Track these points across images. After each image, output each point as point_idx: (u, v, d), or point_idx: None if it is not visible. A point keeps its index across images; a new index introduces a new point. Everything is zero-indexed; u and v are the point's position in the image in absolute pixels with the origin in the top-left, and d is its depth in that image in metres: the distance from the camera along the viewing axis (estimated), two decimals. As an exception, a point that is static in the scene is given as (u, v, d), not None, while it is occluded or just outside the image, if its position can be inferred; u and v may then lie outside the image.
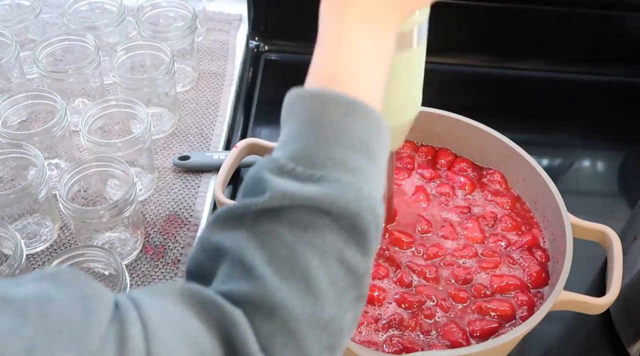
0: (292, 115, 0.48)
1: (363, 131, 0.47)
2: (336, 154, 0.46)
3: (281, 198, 0.44)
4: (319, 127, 0.46)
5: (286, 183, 0.45)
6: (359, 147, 0.47)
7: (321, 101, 0.47)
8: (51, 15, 1.09)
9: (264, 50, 1.14)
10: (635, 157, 1.04)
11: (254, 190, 0.46)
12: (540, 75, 1.12)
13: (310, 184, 0.45)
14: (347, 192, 0.45)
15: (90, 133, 0.84)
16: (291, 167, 0.45)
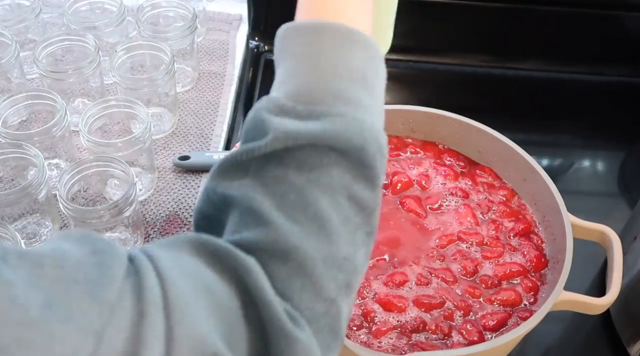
0: (286, 51, 0.47)
1: (359, 61, 0.46)
2: (334, 87, 0.45)
3: (284, 139, 0.43)
4: (315, 61, 0.45)
5: (287, 123, 0.44)
6: (356, 78, 0.46)
7: (315, 33, 0.46)
8: (51, 15, 1.09)
9: (264, 50, 1.14)
10: (635, 157, 1.04)
11: (254, 133, 0.45)
12: (541, 75, 1.12)
13: (312, 121, 0.44)
14: (350, 126, 0.44)
15: (90, 133, 0.84)
16: (291, 105, 0.45)
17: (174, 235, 0.72)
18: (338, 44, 0.46)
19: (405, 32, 1.21)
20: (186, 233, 0.46)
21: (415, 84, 1.12)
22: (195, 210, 0.47)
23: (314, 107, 0.44)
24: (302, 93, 0.45)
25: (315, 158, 0.44)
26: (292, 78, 0.46)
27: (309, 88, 0.45)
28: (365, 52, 0.47)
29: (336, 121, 0.44)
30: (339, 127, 0.44)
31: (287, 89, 0.46)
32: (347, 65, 0.45)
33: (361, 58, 0.46)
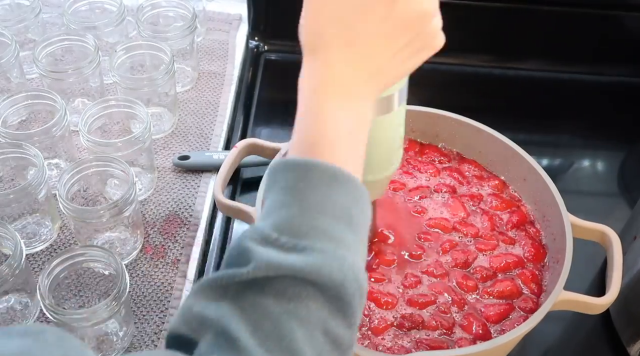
0: (276, 184, 0.49)
1: (345, 200, 0.48)
2: (319, 223, 0.46)
3: (266, 268, 0.44)
4: (302, 196, 0.47)
5: (270, 253, 0.45)
6: (341, 216, 0.47)
7: (304, 170, 0.48)
8: (51, 15, 1.09)
9: (264, 50, 1.14)
10: (635, 157, 1.04)
11: (238, 260, 0.46)
12: (541, 75, 1.12)
13: (295, 254, 0.45)
14: (332, 262, 0.45)
15: (90, 133, 0.84)
16: (275, 236, 0.45)
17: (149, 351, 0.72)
18: (326, 182, 0.47)
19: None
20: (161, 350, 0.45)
21: (415, 84, 1.11)
22: (169, 327, 0.47)
23: (298, 241, 0.45)
24: (287, 226, 0.46)
25: (294, 290, 0.44)
26: (280, 209, 0.47)
27: (294, 221, 0.46)
28: (352, 193, 0.48)
29: (318, 256, 0.45)
30: (320, 262, 0.44)
31: (273, 220, 0.47)
32: (333, 204, 0.47)
33: (347, 198, 0.48)
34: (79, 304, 0.77)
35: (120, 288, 0.68)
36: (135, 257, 0.83)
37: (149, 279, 0.81)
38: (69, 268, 0.72)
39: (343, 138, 0.50)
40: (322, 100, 0.50)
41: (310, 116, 0.50)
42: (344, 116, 0.50)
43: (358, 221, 0.49)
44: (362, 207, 0.49)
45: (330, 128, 0.50)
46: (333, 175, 0.47)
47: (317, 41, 0.51)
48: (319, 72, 0.51)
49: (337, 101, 0.50)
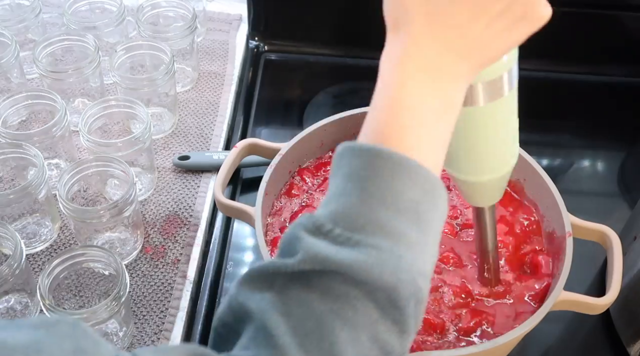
0: (339, 170, 0.45)
1: (413, 193, 0.43)
2: (379, 216, 0.42)
3: (312, 261, 0.41)
4: (363, 185, 0.43)
5: (320, 245, 0.42)
6: (406, 210, 0.43)
7: (369, 157, 0.44)
8: (51, 15, 1.09)
9: (264, 50, 1.14)
10: (635, 157, 1.04)
11: (288, 249, 0.43)
12: (540, 75, 1.12)
13: (346, 248, 0.41)
14: (385, 261, 0.41)
15: (90, 133, 0.84)
16: (329, 227, 0.42)
17: (173, 345, 0.69)
18: (389, 172, 0.43)
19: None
20: (184, 344, 0.44)
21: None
22: (216, 315, 0.45)
23: (352, 234, 0.42)
24: (343, 217, 0.43)
25: (341, 288, 0.41)
26: (338, 198, 0.44)
27: (351, 212, 0.43)
28: (422, 185, 0.44)
29: (371, 253, 0.41)
30: (373, 261, 0.41)
31: (331, 208, 0.44)
32: (398, 196, 0.43)
33: (415, 191, 0.43)
34: (79, 304, 0.77)
35: (120, 288, 0.68)
36: (135, 257, 0.83)
37: (149, 279, 0.81)
38: (69, 268, 0.72)
39: (420, 123, 0.45)
40: (402, 77, 0.45)
41: (385, 94, 0.45)
42: (425, 96, 0.45)
43: (427, 217, 0.44)
44: (434, 202, 0.44)
45: (405, 110, 0.45)
46: (399, 164, 0.43)
47: (399, 15, 0.46)
48: (401, 48, 0.45)
49: (419, 79, 0.45)
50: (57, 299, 0.74)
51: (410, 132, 0.45)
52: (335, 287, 0.41)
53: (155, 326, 0.77)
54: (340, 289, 0.41)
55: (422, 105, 0.45)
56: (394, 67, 0.46)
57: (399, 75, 0.45)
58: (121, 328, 0.74)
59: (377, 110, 0.46)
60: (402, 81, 0.45)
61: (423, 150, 0.45)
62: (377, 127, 0.45)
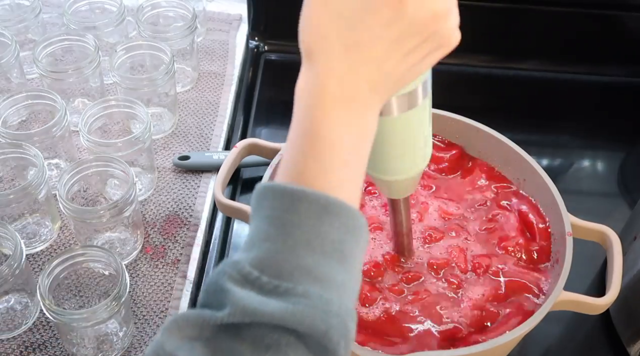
0: (260, 211, 0.44)
1: (337, 233, 0.43)
2: (305, 262, 0.42)
3: (242, 314, 0.40)
4: (288, 230, 0.42)
5: (248, 297, 0.41)
6: (331, 252, 0.43)
7: (292, 200, 0.43)
8: (51, 15, 1.09)
9: (264, 50, 1.14)
10: (635, 157, 1.04)
11: (213, 299, 0.42)
12: (540, 75, 1.12)
13: (275, 298, 0.41)
14: (315, 309, 0.41)
15: (90, 133, 0.84)
16: (255, 275, 0.42)
17: None
18: (315, 215, 0.43)
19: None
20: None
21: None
22: None
23: (280, 282, 0.41)
24: (268, 264, 0.42)
25: (272, 337, 0.40)
26: (262, 243, 0.43)
27: (277, 259, 0.42)
28: (345, 225, 0.44)
29: (300, 302, 0.41)
30: (302, 310, 0.40)
31: (255, 254, 0.43)
32: (323, 239, 0.43)
33: (340, 230, 0.43)
34: (79, 304, 0.77)
35: (120, 288, 0.68)
36: (135, 257, 0.83)
37: (149, 279, 0.81)
38: (69, 268, 0.72)
39: (340, 159, 0.45)
40: (320, 114, 0.45)
41: (305, 132, 0.45)
42: (343, 130, 0.45)
43: (351, 254, 0.44)
44: (356, 238, 0.44)
45: (326, 147, 0.44)
46: (325, 206, 0.43)
47: (316, 45, 0.45)
48: (317, 80, 0.45)
49: (336, 113, 0.45)
50: (57, 299, 0.74)
51: (331, 170, 0.44)
52: (265, 337, 0.41)
53: (155, 326, 0.77)
54: (272, 338, 0.41)
55: (341, 139, 0.45)
56: (311, 101, 0.45)
57: (316, 110, 0.45)
58: (121, 328, 0.74)
59: (295, 149, 0.45)
60: (320, 117, 0.45)
61: (345, 187, 0.45)
62: (297, 167, 0.45)
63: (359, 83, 0.45)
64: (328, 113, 0.45)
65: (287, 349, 0.41)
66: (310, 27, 0.46)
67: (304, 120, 0.45)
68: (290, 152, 0.46)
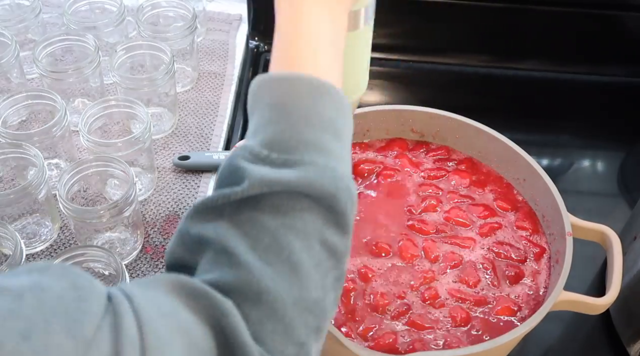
0: (260, 101, 0.49)
1: (330, 111, 0.48)
2: (308, 136, 0.47)
3: (260, 185, 0.45)
4: (288, 111, 0.47)
5: (263, 170, 0.45)
6: (328, 128, 0.48)
7: (288, 84, 0.48)
8: (51, 15, 1.09)
9: (264, 50, 1.14)
10: (635, 157, 1.04)
11: (230, 179, 0.47)
12: (540, 75, 1.12)
13: (287, 169, 0.46)
14: (323, 174, 0.46)
15: (90, 133, 0.84)
16: (265, 153, 0.46)
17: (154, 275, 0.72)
18: (311, 95, 0.48)
19: (405, 32, 1.21)
20: (165, 273, 0.46)
21: (415, 84, 1.11)
22: (167, 252, 0.48)
23: (288, 156, 0.46)
24: (276, 142, 0.47)
25: (289, 204, 0.45)
26: (266, 127, 0.47)
27: (282, 137, 0.47)
28: (336, 104, 0.49)
29: (309, 169, 0.46)
30: (312, 175, 0.45)
31: (261, 137, 0.47)
32: (319, 116, 0.48)
33: (332, 109, 0.48)
34: (79, 304, 0.77)
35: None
36: (135, 257, 0.83)
37: (149, 279, 0.81)
38: (69, 268, 0.72)
39: (325, 49, 0.50)
40: (303, 10, 0.50)
41: (291, 27, 0.50)
42: (324, 25, 0.50)
43: (343, 131, 0.49)
44: (345, 117, 0.50)
45: (312, 39, 0.50)
46: (317, 87, 0.48)
47: None
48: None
49: (316, 9, 0.50)
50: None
51: (317, 58, 0.50)
52: (283, 204, 0.45)
53: (155, 326, 0.77)
54: (288, 204, 0.45)
55: (322, 33, 0.51)
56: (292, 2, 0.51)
57: (300, 8, 0.50)
58: (121, 328, 0.74)
59: (285, 42, 0.51)
60: (304, 14, 0.50)
61: (330, 71, 0.50)
62: (290, 57, 0.50)
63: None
64: (310, 9, 0.50)
65: (302, 212, 0.45)
66: None
67: (288, 17, 0.51)
68: (281, 45, 0.51)
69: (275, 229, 0.45)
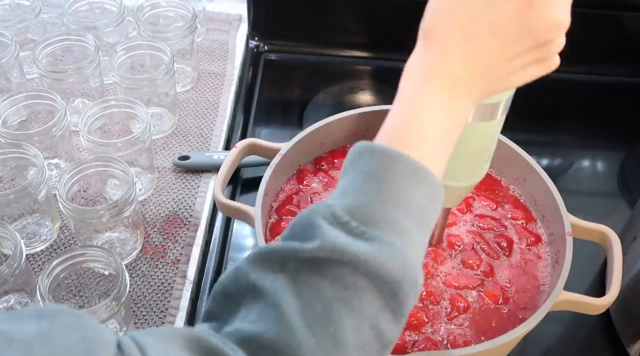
0: (357, 165, 0.48)
1: (422, 198, 0.47)
2: (392, 216, 0.46)
3: (331, 250, 0.44)
4: (380, 186, 0.46)
5: (338, 235, 0.44)
6: (414, 214, 0.47)
7: (389, 160, 0.47)
8: (51, 15, 1.09)
9: (263, 50, 1.14)
10: (635, 157, 1.04)
11: (302, 233, 0.46)
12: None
13: (361, 241, 0.45)
14: (395, 257, 0.45)
15: (90, 133, 0.84)
16: (346, 219, 0.45)
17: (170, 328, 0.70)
18: (407, 177, 0.47)
19: (405, 32, 1.21)
20: (178, 327, 0.45)
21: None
22: (219, 283, 0.48)
23: (367, 228, 0.45)
24: (360, 211, 0.46)
25: (352, 278, 0.44)
26: (356, 192, 0.47)
27: (368, 208, 0.46)
28: (430, 192, 0.48)
29: (384, 248, 0.45)
30: (385, 255, 0.44)
31: (347, 202, 0.46)
32: (409, 200, 0.47)
33: (424, 195, 0.48)
34: (79, 304, 0.77)
35: (120, 288, 0.68)
36: (135, 257, 0.83)
37: (149, 279, 0.81)
38: (69, 268, 0.72)
39: (436, 135, 0.49)
40: (426, 91, 0.49)
41: (409, 104, 0.49)
42: (441, 111, 0.49)
43: (428, 220, 0.48)
44: (434, 207, 0.49)
45: (426, 121, 0.49)
46: (415, 171, 0.47)
47: (437, 28, 0.49)
48: (431, 60, 0.49)
49: (440, 94, 0.49)
50: (57, 299, 0.74)
51: (428, 142, 0.49)
52: (346, 276, 0.44)
53: (155, 326, 0.77)
54: (351, 279, 0.44)
55: (440, 118, 0.49)
56: (421, 78, 0.49)
57: (425, 87, 0.49)
58: (121, 328, 0.74)
59: (398, 117, 0.49)
60: (427, 94, 0.49)
61: (434, 159, 0.49)
62: (397, 133, 0.49)
63: (468, 71, 0.49)
64: (434, 92, 0.49)
65: (362, 292, 0.44)
66: (434, 13, 0.50)
67: (410, 95, 0.49)
68: (393, 118, 0.50)
69: (331, 300, 0.44)
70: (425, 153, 0.48)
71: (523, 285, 0.73)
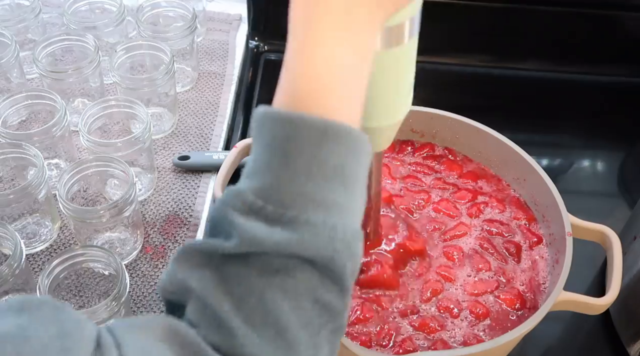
0: (261, 137, 0.44)
1: (337, 157, 0.43)
2: (307, 189, 0.42)
3: (249, 244, 0.42)
4: (288, 159, 0.42)
5: (255, 227, 0.42)
6: (332, 177, 0.43)
7: (292, 127, 0.42)
8: (51, 15, 1.09)
9: (263, 50, 1.14)
10: (635, 157, 1.04)
11: (220, 230, 0.44)
12: (540, 75, 1.12)
13: (280, 227, 0.42)
14: (319, 237, 0.42)
15: (90, 133, 0.84)
16: (260, 205, 0.42)
17: (147, 316, 0.69)
18: (314, 142, 0.42)
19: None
20: (160, 315, 0.44)
21: (415, 83, 1.11)
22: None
23: (284, 211, 0.42)
24: (273, 192, 0.42)
25: (279, 263, 0.42)
26: (264, 172, 0.43)
27: (280, 188, 0.42)
28: (346, 146, 0.43)
29: (305, 230, 0.42)
30: (308, 238, 0.42)
31: (258, 183, 0.43)
32: (323, 164, 0.42)
33: (340, 154, 0.43)
34: (79, 304, 0.77)
35: (120, 288, 0.68)
36: (135, 257, 0.83)
37: (149, 279, 0.81)
38: (69, 268, 0.72)
39: (339, 80, 0.44)
40: (316, 34, 0.43)
41: (301, 54, 0.44)
42: (342, 51, 0.43)
43: (353, 175, 0.44)
44: (357, 158, 0.44)
45: (324, 70, 0.43)
46: (324, 132, 0.42)
47: None
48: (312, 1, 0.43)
49: (333, 33, 0.43)
50: (57, 299, 0.74)
51: (331, 93, 0.43)
52: (273, 262, 0.42)
53: (155, 326, 0.77)
54: (279, 263, 0.42)
55: (341, 59, 0.44)
56: (306, 21, 0.43)
57: (314, 32, 0.43)
58: (121, 328, 0.74)
59: (293, 73, 0.44)
60: (319, 36, 0.43)
61: (345, 108, 0.44)
62: (296, 92, 0.43)
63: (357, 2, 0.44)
64: (325, 33, 0.43)
65: (295, 271, 0.42)
66: None
67: (301, 45, 0.44)
68: (288, 75, 0.44)
69: (262, 289, 0.42)
70: (333, 105, 0.43)
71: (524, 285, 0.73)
